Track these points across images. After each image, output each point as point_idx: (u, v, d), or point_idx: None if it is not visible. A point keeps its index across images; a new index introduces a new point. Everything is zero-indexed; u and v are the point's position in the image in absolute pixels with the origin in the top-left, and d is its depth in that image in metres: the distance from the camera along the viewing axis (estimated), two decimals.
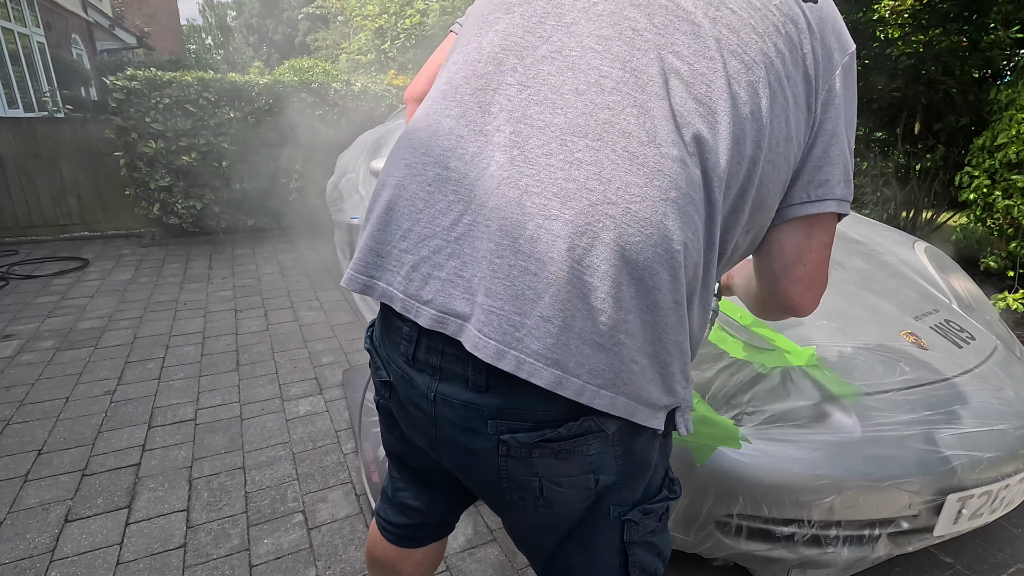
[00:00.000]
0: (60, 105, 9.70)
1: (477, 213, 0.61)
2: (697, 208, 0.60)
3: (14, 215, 4.92)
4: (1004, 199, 2.86)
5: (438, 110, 0.68)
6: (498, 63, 0.66)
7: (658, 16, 0.63)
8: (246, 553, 1.59)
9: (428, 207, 0.65)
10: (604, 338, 0.58)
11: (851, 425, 1.24)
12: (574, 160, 0.59)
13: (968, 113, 3.91)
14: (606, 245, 0.57)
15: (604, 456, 0.66)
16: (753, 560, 1.30)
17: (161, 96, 4.49)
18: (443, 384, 0.66)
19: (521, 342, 0.58)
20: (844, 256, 1.88)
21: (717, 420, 1.23)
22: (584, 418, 0.62)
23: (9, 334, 3.04)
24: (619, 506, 0.71)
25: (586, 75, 0.61)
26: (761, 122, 0.62)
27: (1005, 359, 1.53)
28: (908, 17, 3.86)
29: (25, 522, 1.68)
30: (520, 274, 0.58)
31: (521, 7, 0.68)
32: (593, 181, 0.58)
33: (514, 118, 0.62)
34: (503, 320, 0.58)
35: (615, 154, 0.58)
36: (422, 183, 0.66)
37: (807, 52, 0.66)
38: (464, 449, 0.68)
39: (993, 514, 1.32)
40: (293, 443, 2.10)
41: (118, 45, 14.67)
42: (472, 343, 0.60)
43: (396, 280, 0.67)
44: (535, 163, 0.59)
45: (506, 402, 0.63)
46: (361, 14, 9.73)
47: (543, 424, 0.63)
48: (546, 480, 0.66)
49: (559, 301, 0.57)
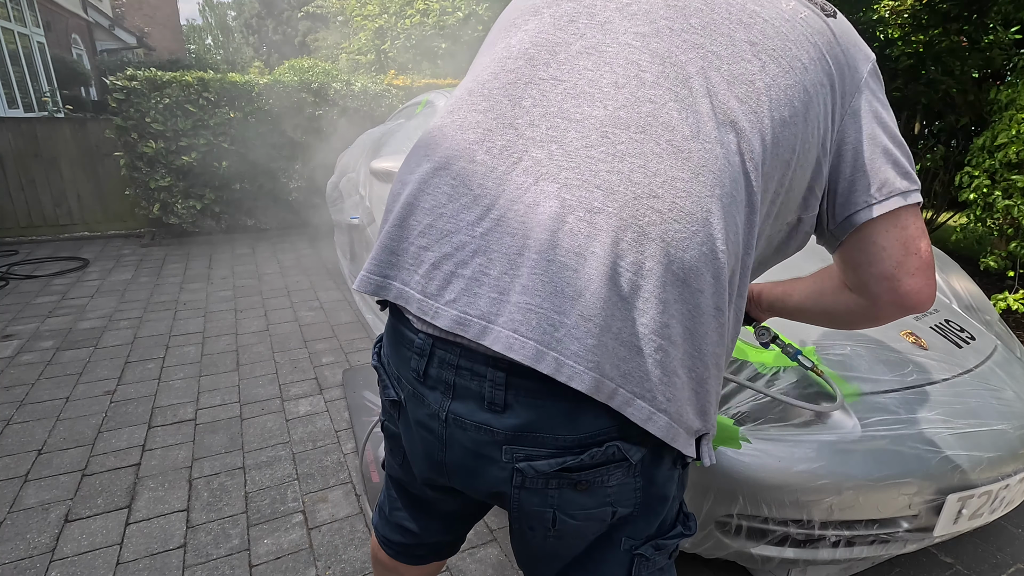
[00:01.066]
0: (60, 105, 9.70)
1: (507, 208, 0.58)
2: (739, 208, 0.59)
3: (14, 215, 4.92)
4: (1004, 199, 2.86)
5: (464, 105, 0.65)
6: (529, 58, 0.64)
7: (694, 17, 0.62)
8: (246, 553, 1.59)
9: (451, 201, 0.60)
10: (644, 341, 0.55)
11: (851, 425, 1.24)
12: (616, 152, 0.56)
13: (968, 113, 3.91)
14: (652, 241, 0.54)
15: (624, 488, 0.62)
16: (753, 560, 1.30)
17: (161, 96, 4.50)
18: (456, 403, 0.61)
19: (560, 342, 0.54)
20: None
21: (717, 420, 1.23)
22: (609, 444, 0.58)
23: (9, 334, 3.04)
24: (632, 539, 0.67)
25: (625, 69, 0.60)
26: (797, 126, 0.62)
27: (1005, 359, 1.53)
28: (908, 17, 3.86)
29: (25, 522, 1.68)
30: (559, 270, 0.54)
31: (550, 8, 0.67)
32: (638, 174, 0.55)
33: (550, 112, 0.60)
34: (542, 319, 0.54)
35: (659, 147, 0.56)
36: (445, 178, 0.62)
37: (832, 64, 0.66)
38: (477, 475, 0.64)
39: (993, 514, 1.32)
40: (293, 443, 2.10)
41: (118, 45, 14.67)
42: (505, 344, 0.55)
43: (413, 279, 0.62)
44: (575, 156, 0.57)
45: (525, 423, 0.58)
46: (361, 14, 9.73)
47: (564, 451, 0.58)
48: (560, 512, 0.63)
49: (601, 299, 0.53)
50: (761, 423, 1.25)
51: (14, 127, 4.73)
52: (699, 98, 0.59)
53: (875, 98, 0.69)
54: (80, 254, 4.63)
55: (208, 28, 31.71)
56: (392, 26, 8.95)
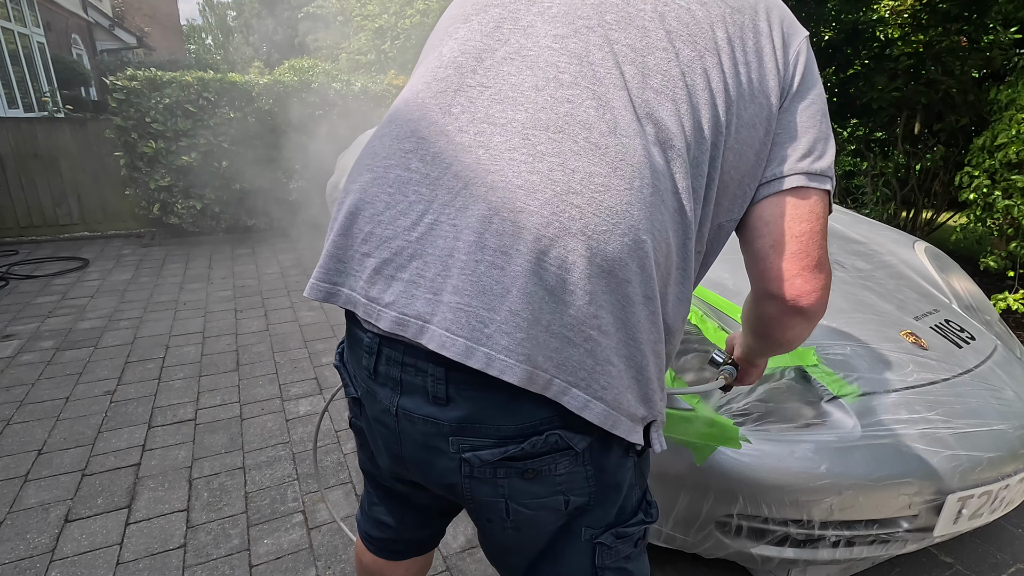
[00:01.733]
0: (60, 105, 9.70)
1: (440, 212, 0.60)
2: (664, 197, 0.60)
3: (14, 215, 4.91)
4: (1004, 199, 2.86)
5: (400, 116, 0.69)
6: (458, 67, 0.66)
7: (610, 13, 0.64)
8: (246, 553, 1.59)
9: (389, 208, 0.64)
10: (574, 332, 0.57)
11: (851, 425, 1.24)
12: (537, 153, 0.58)
13: (968, 113, 3.91)
14: (573, 235, 0.56)
15: (574, 476, 0.64)
16: (753, 560, 1.30)
17: (161, 96, 4.49)
18: (404, 398, 0.65)
19: (491, 338, 0.56)
20: (844, 256, 1.88)
21: (717, 420, 1.23)
22: (549, 432, 0.61)
23: (9, 334, 3.04)
24: (591, 528, 0.69)
25: (544, 71, 0.62)
26: (718, 108, 0.63)
27: (1005, 359, 1.53)
28: (908, 17, 3.86)
29: (25, 522, 1.68)
30: (487, 269, 0.57)
31: (478, 16, 0.69)
32: (557, 172, 0.58)
33: (477, 118, 0.62)
34: (471, 316, 0.57)
35: (577, 145, 0.58)
36: (384, 186, 0.65)
37: (759, 40, 0.67)
38: (430, 468, 0.67)
39: (993, 514, 1.32)
40: (293, 443, 2.10)
41: (118, 45, 14.66)
42: (438, 342, 0.58)
43: (358, 285, 0.65)
44: (499, 159, 0.59)
45: (467, 415, 0.61)
46: (361, 14, 9.73)
47: (506, 440, 0.61)
48: (512, 502, 0.64)
49: (527, 294, 0.56)
50: (761, 423, 1.25)
51: (14, 127, 4.73)
52: (616, 92, 0.61)
53: (807, 75, 0.70)
54: (80, 254, 4.63)
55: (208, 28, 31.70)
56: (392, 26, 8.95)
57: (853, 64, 4.45)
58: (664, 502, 1.28)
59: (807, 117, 0.69)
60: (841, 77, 4.60)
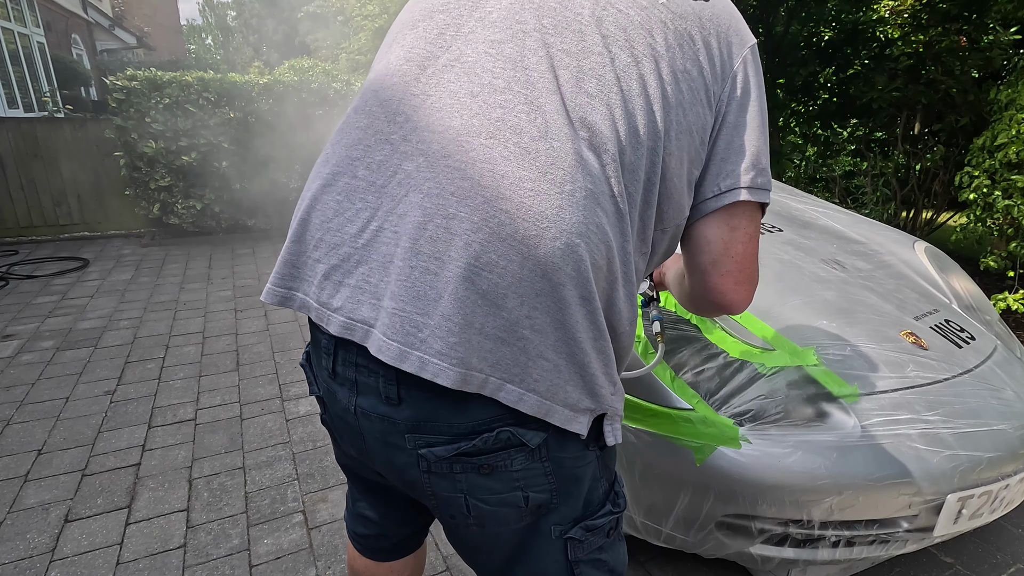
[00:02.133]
0: (60, 105, 9.70)
1: (384, 219, 0.62)
2: (599, 201, 0.61)
3: (14, 215, 4.92)
4: (1004, 199, 2.86)
5: (350, 123, 0.70)
6: (403, 75, 0.67)
7: (547, 17, 0.65)
8: (246, 553, 1.59)
9: (337, 215, 0.65)
10: (506, 332, 0.58)
11: (851, 425, 1.24)
12: (469, 159, 0.59)
13: (968, 113, 3.91)
14: (503, 240, 0.57)
15: (531, 472, 0.65)
16: (753, 560, 1.30)
17: (161, 96, 4.49)
18: (361, 397, 0.66)
19: (424, 342, 0.57)
20: (844, 256, 1.88)
21: (717, 420, 1.23)
22: (500, 429, 0.61)
23: (9, 334, 3.04)
24: (559, 525, 0.70)
25: (480, 77, 0.63)
26: (655, 114, 0.64)
27: (1005, 359, 1.53)
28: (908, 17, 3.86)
29: (25, 522, 1.68)
30: (421, 275, 0.58)
31: (424, 22, 0.70)
32: (487, 178, 0.58)
33: (419, 126, 0.63)
34: (405, 321, 0.58)
35: (507, 150, 0.59)
36: (333, 193, 0.67)
37: (700, 48, 0.67)
38: (391, 463, 0.68)
39: (993, 514, 1.32)
40: (293, 443, 2.10)
41: (118, 45, 14.67)
42: (376, 347, 0.60)
43: (311, 290, 0.68)
44: (435, 166, 0.60)
45: (419, 414, 0.62)
46: (361, 14, 9.73)
47: (458, 437, 0.62)
48: (471, 497, 0.66)
49: (458, 299, 0.57)
50: (761, 423, 1.25)
51: (14, 127, 4.73)
52: (548, 96, 0.61)
53: (750, 85, 0.70)
54: (80, 254, 4.63)
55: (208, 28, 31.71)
56: None
57: (853, 64, 4.45)
58: (664, 502, 1.28)
59: (750, 130, 0.70)
60: (841, 77, 4.60)
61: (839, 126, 4.60)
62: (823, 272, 1.71)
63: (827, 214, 2.29)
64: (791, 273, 1.67)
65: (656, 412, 1.25)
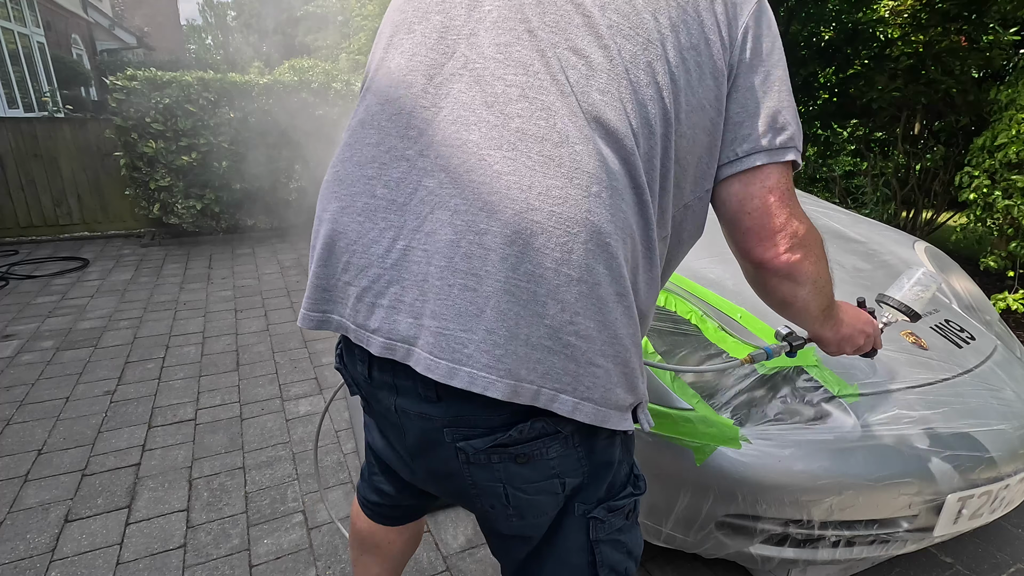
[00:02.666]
0: (60, 105, 9.70)
1: (411, 238, 0.63)
2: (623, 196, 0.62)
3: (14, 215, 4.91)
4: (1004, 199, 2.86)
5: (358, 139, 0.70)
6: (408, 85, 0.67)
7: (550, 14, 0.64)
8: (246, 553, 1.59)
9: (361, 237, 0.66)
10: (553, 341, 0.59)
11: (851, 425, 1.24)
12: (493, 173, 0.60)
13: (968, 113, 3.91)
14: (537, 251, 0.58)
15: (567, 459, 0.67)
16: (753, 560, 1.30)
17: (161, 96, 4.49)
18: (400, 398, 0.68)
19: (471, 358, 0.59)
20: (844, 256, 1.88)
21: (717, 420, 1.23)
22: (535, 420, 0.63)
23: (9, 334, 3.04)
24: (584, 504, 0.72)
25: (492, 86, 0.63)
26: (664, 100, 0.64)
27: (1005, 359, 1.53)
28: (908, 17, 3.86)
29: (25, 522, 1.68)
30: (460, 292, 0.59)
31: (421, 24, 0.69)
32: (515, 191, 0.59)
33: (435, 141, 0.63)
34: (451, 339, 0.59)
35: (532, 160, 0.60)
36: (353, 214, 0.67)
37: (706, 18, 0.66)
38: (432, 457, 0.70)
39: (993, 514, 1.32)
40: (293, 443, 2.10)
41: (118, 45, 14.67)
42: (424, 366, 0.61)
43: (346, 312, 0.69)
44: (459, 182, 0.61)
45: (458, 411, 0.64)
46: (361, 14, 9.73)
47: (495, 429, 0.64)
48: (510, 487, 0.67)
49: (501, 312, 0.58)
50: (761, 423, 1.25)
51: (14, 127, 4.73)
52: (562, 100, 0.61)
53: (760, 45, 0.68)
54: (80, 254, 4.63)
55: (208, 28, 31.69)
56: None
57: (853, 64, 4.45)
58: (664, 502, 1.28)
59: (764, 91, 0.69)
60: (841, 77, 4.60)
61: (839, 126, 4.60)
62: None
63: (827, 214, 2.29)
64: None
65: (656, 412, 1.25)
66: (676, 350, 1.38)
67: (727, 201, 0.71)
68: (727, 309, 1.48)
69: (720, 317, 1.44)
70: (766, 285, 0.76)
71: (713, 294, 1.53)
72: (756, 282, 0.78)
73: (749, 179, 0.69)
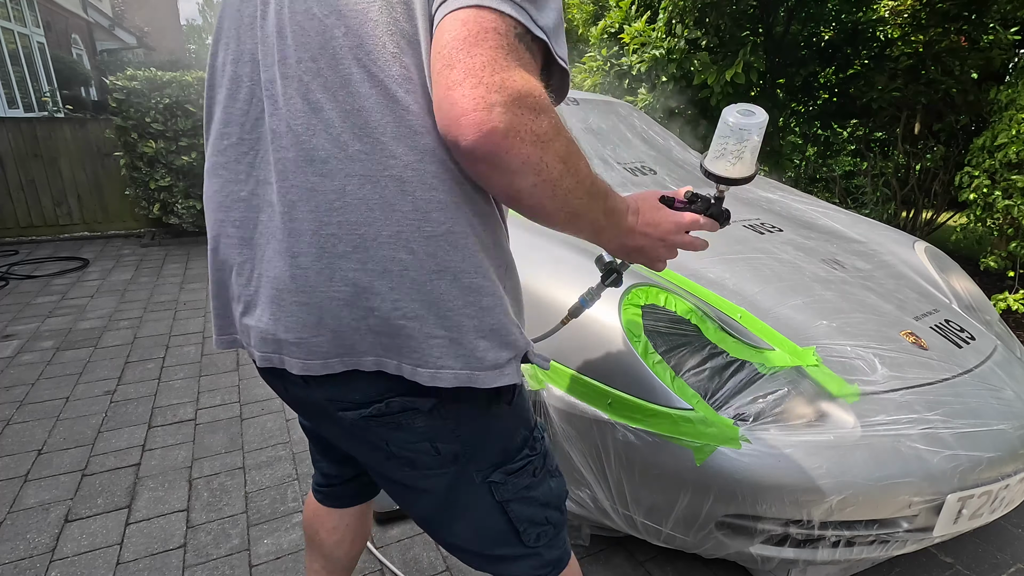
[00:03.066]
0: (60, 105, 9.70)
1: (260, 266, 0.70)
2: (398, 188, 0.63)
3: (14, 215, 4.92)
4: (1004, 199, 2.86)
5: (211, 169, 0.76)
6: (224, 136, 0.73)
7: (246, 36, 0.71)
8: (246, 553, 1.59)
9: (230, 269, 0.74)
10: (390, 325, 0.65)
11: (851, 425, 1.24)
12: (288, 202, 0.66)
13: (968, 113, 3.91)
14: (340, 257, 0.64)
15: (436, 428, 0.73)
16: (753, 560, 1.30)
17: (161, 96, 4.49)
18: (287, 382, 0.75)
19: (336, 349, 0.67)
20: (844, 256, 1.88)
21: (717, 420, 1.23)
22: (389, 400, 0.69)
23: (9, 334, 3.04)
24: (480, 471, 0.77)
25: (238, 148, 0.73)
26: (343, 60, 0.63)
27: (1005, 359, 1.53)
28: (908, 17, 3.86)
29: (25, 522, 1.68)
30: (298, 308, 0.66)
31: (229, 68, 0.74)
32: (301, 206, 0.65)
33: (261, 180, 0.70)
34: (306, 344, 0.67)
35: (305, 178, 0.64)
36: (228, 246, 0.74)
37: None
38: (327, 426, 0.81)
39: (993, 514, 1.32)
40: (293, 443, 2.10)
41: (118, 45, 14.66)
42: (300, 368, 0.69)
43: (237, 331, 0.78)
44: (275, 218, 0.68)
45: (324, 394, 0.72)
46: None
47: (360, 405, 0.71)
48: (392, 445, 0.74)
49: (338, 315, 0.65)
50: (761, 423, 1.25)
51: (14, 127, 4.73)
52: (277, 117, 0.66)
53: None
54: (80, 254, 4.63)
55: (208, 28, 31.70)
56: None
57: (853, 64, 4.45)
58: (664, 502, 1.28)
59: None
60: (841, 77, 4.60)
61: (839, 126, 4.59)
62: (823, 272, 1.71)
63: (827, 214, 2.29)
64: (791, 273, 1.67)
65: (656, 412, 1.25)
66: (676, 350, 1.38)
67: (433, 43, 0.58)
68: (727, 309, 1.48)
69: (720, 317, 1.44)
70: (468, 168, 0.62)
71: (713, 294, 1.53)
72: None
73: (456, 22, 0.56)
